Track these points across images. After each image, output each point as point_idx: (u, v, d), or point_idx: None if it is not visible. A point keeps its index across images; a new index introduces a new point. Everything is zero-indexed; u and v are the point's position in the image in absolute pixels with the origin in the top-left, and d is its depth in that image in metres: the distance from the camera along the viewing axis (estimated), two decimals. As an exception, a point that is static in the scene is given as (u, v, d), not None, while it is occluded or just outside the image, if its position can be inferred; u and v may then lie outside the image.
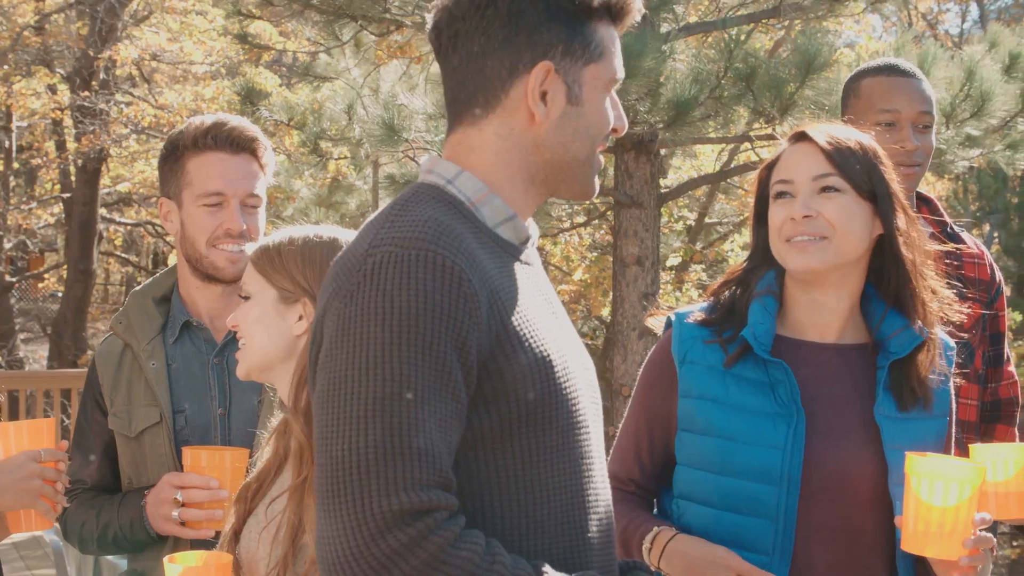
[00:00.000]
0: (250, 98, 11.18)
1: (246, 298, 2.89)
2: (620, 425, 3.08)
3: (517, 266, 2.36)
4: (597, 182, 2.47)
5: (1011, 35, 9.48)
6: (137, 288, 3.69)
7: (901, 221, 2.91)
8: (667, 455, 3.00)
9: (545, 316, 2.34)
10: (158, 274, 3.73)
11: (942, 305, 2.96)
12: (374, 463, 2.06)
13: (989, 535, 2.70)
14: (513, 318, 2.23)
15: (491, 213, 2.34)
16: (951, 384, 3.00)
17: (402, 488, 2.05)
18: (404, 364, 2.10)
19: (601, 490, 2.40)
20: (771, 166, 2.99)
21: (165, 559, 2.74)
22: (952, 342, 3.04)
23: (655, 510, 3.08)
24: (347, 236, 2.82)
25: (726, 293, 3.01)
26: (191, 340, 3.57)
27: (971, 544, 2.65)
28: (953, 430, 3.02)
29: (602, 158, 2.45)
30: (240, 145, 3.52)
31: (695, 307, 3.04)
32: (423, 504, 2.05)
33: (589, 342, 18.33)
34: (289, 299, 2.83)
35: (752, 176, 3.07)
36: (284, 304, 2.83)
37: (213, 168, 3.51)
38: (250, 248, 2.94)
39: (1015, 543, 17.06)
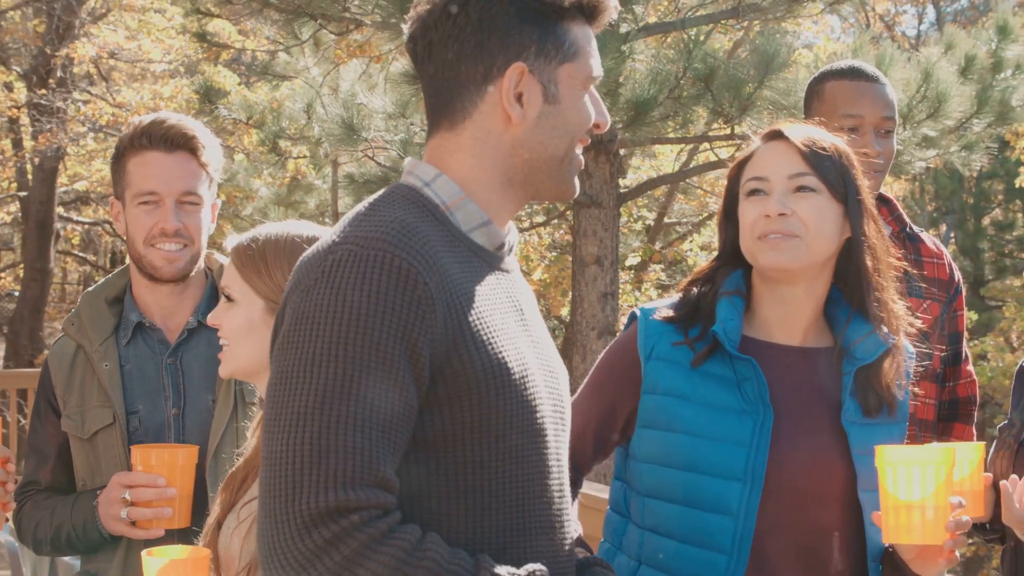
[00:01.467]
0: (209, 97, 11.15)
1: (228, 298, 2.85)
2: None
3: (490, 273, 2.36)
4: (577, 183, 2.48)
5: (966, 37, 9.57)
6: (90, 289, 3.68)
7: (870, 228, 2.92)
8: (608, 443, 2.99)
9: (510, 323, 2.34)
10: (111, 275, 3.72)
11: (905, 315, 2.97)
12: (307, 460, 2.08)
13: (967, 517, 2.70)
14: (472, 323, 2.24)
15: (465, 218, 2.35)
16: (909, 390, 3.02)
17: (332, 486, 2.07)
18: (349, 363, 2.11)
19: (557, 499, 2.39)
20: (743, 164, 2.98)
21: (143, 552, 2.74)
22: (912, 348, 3.05)
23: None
24: (325, 234, 2.79)
25: (693, 291, 3.01)
26: (144, 341, 3.55)
27: (953, 527, 2.65)
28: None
29: (582, 158, 2.46)
30: (176, 143, 3.49)
31: (661, 302, 3.03)
32: (350, 502, 2.07)
33: (549, 342, 18.32)
34: (278, 309, 2.78)
35: (712, 176, 3.09)
36: (272, 315, 2.78)
37: (148, 167, 3.49)
38: (230, 243, 2.90)
39: (970, 542, 17.18)
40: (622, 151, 10.56)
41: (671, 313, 2.97)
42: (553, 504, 2.38)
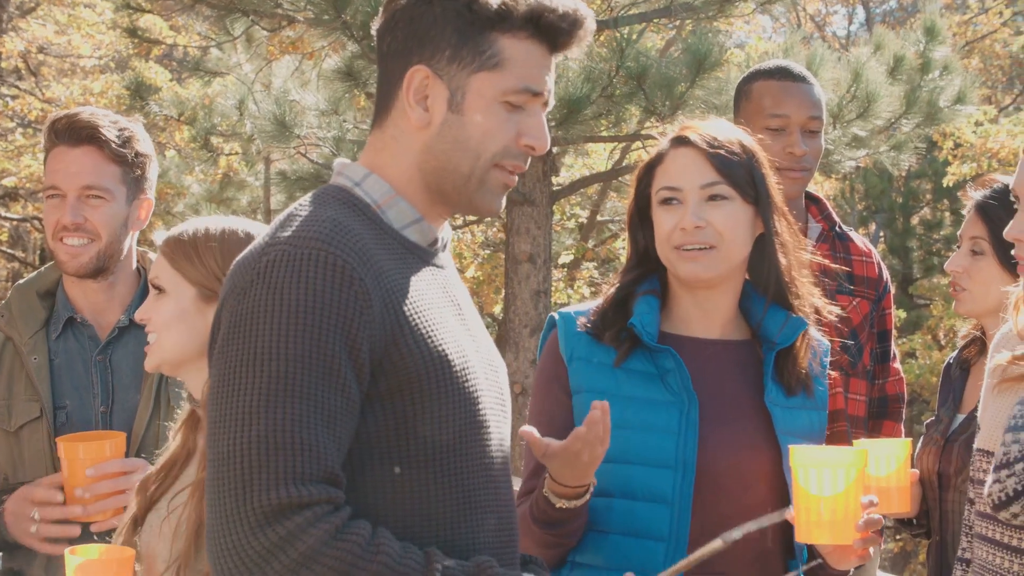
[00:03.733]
0: (140, 93, 11.06)
1: (158, 289, 2.83)
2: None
3: (425, 268, 2.36)
4: (499, 202, 2.41)
5: (895, 38, 9.69)
6: (21, 282, 3.66)
7: (780, 223, 2.95)
8: None
9: (448, 317, 2.35)
10: (43, 268, 3.69)
11: (817, 305, 3.01)
12: (256, 458, 2.08)
13: (878, 516, 2.73)
14: (410, 317, 2.24)
15: (397, 216, 2.35)
16: (825, 380, 3.05)
17: (283, 483, 2.07)
18: (291, 360, 2.12)
19: (503, 489, 2.42)
20: (652, 166, 2.99)
21: (66, 550, 2.73)
22: (828, 344, 3.09)
23: None
24: (258, 229, 2.78)
25: (610, 293, 3.01)
26: (75, 336, 3.53)
27: (862, 527, 2.68)
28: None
29: (509, 178, 2.38)
30: (80, 137, 3.47)
31: (581, 307, 3.05)
32: (303, 499, 2.07)
33: (482, 339, 18.33)
34: (210, 297, 2.76)
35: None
36: (204, 302, 2.77)
37: (55, 163, 3.50)
38: (159, 237, 2.88)
39: (898, 537, 17.36)
40: (555, 149, 10.59)
41: (588, 322, 2.98)
42: (499, 494, 2.40)
